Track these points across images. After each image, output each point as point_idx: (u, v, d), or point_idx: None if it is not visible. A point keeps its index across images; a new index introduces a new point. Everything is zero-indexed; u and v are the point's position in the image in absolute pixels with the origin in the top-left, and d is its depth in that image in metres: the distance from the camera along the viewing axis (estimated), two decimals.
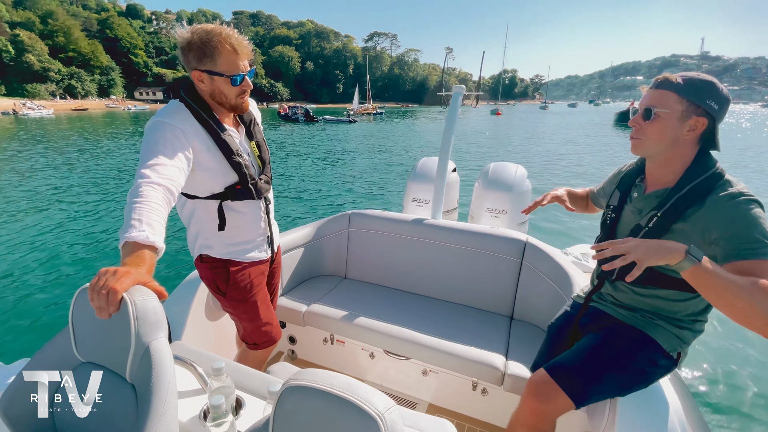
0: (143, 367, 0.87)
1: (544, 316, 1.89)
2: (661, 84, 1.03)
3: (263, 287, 1.54)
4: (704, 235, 0.98)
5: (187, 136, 1.18)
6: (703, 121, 1.01)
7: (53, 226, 6.26)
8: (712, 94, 1.00)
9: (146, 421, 0.82)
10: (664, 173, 1.10)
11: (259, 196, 1.39)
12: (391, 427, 0.63)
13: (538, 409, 1.16)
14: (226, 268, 1.42)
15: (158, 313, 0.91)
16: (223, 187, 1.31)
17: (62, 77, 66.85)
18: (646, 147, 1.08)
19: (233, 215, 1.37)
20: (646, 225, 1.09)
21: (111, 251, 5.34)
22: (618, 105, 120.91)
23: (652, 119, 1.04)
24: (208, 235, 1.39)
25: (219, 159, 1.27)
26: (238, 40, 1.20)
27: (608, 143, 20.97)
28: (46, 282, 4.39)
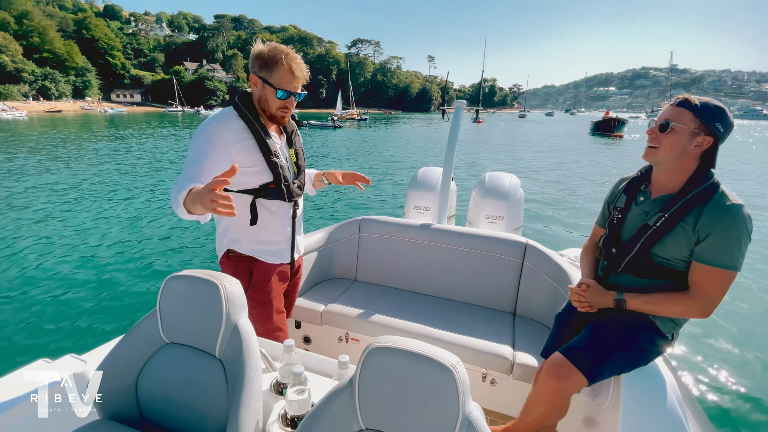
0: (232, 343, 1.00)
1: (544, 312, 2.08)
2: (682, 103, 1.20)
3: (280, 294, 1.64)
4: (698, 234, 1.18)
5: (229, 138, 1.36)
6: (709, 140, 1.19)
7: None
8: (722, 118, 1.18)
9: (242, 389, 0.94)
10: (669, 180, 1.28)
11: (290, 198, 1.53)
12: (462, 376, 0.74)
13: (557, 387, 1.30)
14: (250, 266, 1.54)
15: (242, 296, 1.06)
16: (259, 185, 1.45)
17: (36, 78, 64.51)
18: (658, 156, 1.25)
19: (264, 213, 1.51)
20: (654, 225, 1.25)
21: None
22: (592, 114, 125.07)
23: (668, 132, 1.21)
24: (237, 230, 1.52)
25: (258, 158, 1.43)
26: (299, 65, 1.39)
27: (589, 154, 21.65)
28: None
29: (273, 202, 1.50)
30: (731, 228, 1.14)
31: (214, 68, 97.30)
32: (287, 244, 1.62)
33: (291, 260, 1.66)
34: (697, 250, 1.19)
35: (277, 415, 1.08)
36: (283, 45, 1.40)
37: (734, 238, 1.14)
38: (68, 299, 4.20)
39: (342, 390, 0.84)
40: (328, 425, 0.83)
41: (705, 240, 1.17)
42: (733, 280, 1.18)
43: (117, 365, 1.07)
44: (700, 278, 1.20)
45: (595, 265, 1.55)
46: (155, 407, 1.07)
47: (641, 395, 1.21)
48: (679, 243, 1.22)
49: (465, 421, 0.74)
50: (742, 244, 1.14)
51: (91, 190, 9.29)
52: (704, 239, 1.17)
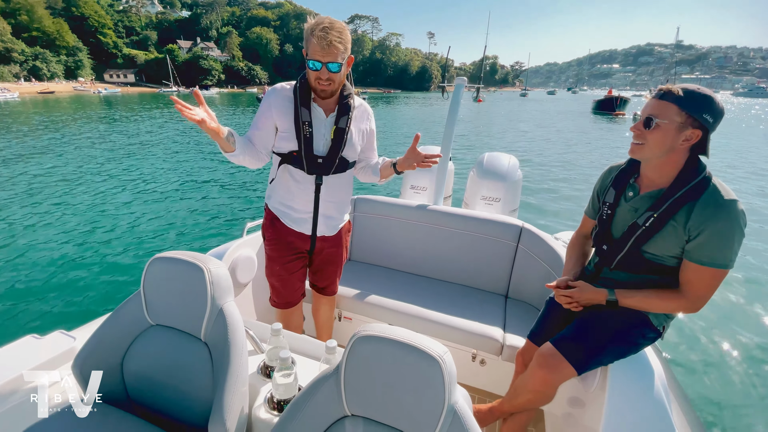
0: (218, 327, 1.01)
1: (536, 295, 2.08)
2: (664, 96, 1.12)
3: (290, 259, 1.71)
4: (690, 232, 1.13)
5: (273, 102, 1.52)
6: (698, 133, 1.11)
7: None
8: (709, 108, 1.09)
9: (226, 374, 0.94)
10: (658, 175, 1.22)
11: (310, 171, 1.55)
12: (449, 367, 0.75)
13: (546, 377, 1.31)
14: (273, 222, 1.68)
15: (228, 280, 1.06)
16: (288, 150, 1.54)
17: (26, 58, 62.90)
18: (644, 152, 1.19)
19: (289, 179, 1.60)
20: (643, 224, 1.21)
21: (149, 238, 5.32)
22: (595, 93, 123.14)
23: (652, 128, 1.14)
24: (272, 187, 1.67)
25: (290, 125, 1.52)
26: (327, 34, 1.35)
27: (590, 133, 21.44)
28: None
29: (297, 170, 1.57)
30: (724, 227, 1.08)
31: (209, 47, 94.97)
32: (309, 216, 1.65)
33: (312, 234, 1.69)
34: (689, 248, 1.15)
35: (264, 398, 1.08)
36: (330, 17, 1.40)
37: (727, 237, 1.09)
38: (58, 276, 4.23)
39: (328, 376, 0.84)
40: (313, 410, 0.84)
41: (696, 239, 1.12)
42: (724, 277, 1.15)
43: (102, 345, 1.07)
44: (691, 276, 1.17)
45: (581, 259, 1.52)
46: (141, 388, 1.07)
47: (628, 381, 1.22)
48: (669, 241, 1.18)
49: (450, 410, 0.75)
50: (735, 242, 1.09)
51: (86, 172, 9.22)
52: (696, 238, 1.12)
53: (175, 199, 7.22)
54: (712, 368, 3.12)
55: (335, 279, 1.92)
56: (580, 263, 1.51)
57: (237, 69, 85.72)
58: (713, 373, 3.06)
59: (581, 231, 1.58)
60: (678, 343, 3.41)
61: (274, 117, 1.52)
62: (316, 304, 2.02)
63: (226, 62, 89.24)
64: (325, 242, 1.74)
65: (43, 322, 3.43)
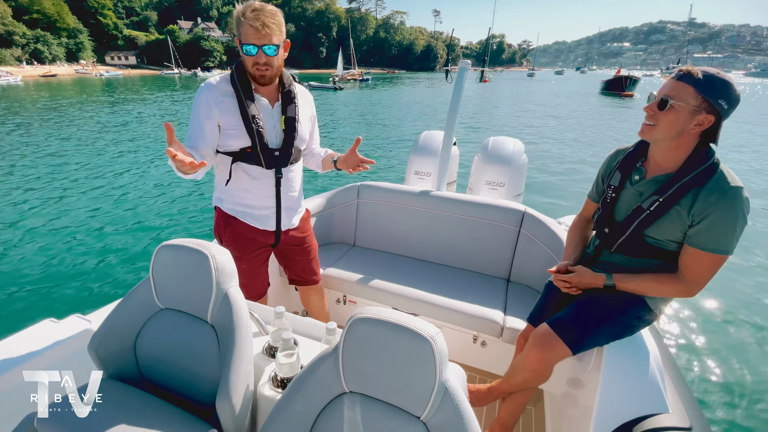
0: (223, 310, 1.06)
1: (538, 278, 2.12)
2: (683, 77, 1.10)
3: (255, 256, 1.68)
4: (693, 218, 1.13)
5: (211, 100, 1.43)
6: (711, 119, 1.09)
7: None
8: (726, 94, 1.07)
9: (232, 354, 1.00)
10: (667, 159, 1.21)
11: (268, 165, 1.52)
12: (440, 347, 0.79)
13: (541, 357, 1.35)
14: (228, 221, 1.61)
15: (232, 265, 1.11)
16: (239, 148, 1.48)
17: (27, 41, 62.14)
18: (655, 134, 1.17)
19: (243, 176, 1.54)
20: (648, 208, 1.21)
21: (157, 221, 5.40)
22: (604, 72, 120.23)
23: (666, 109, 1.12)
24: (221, 188, 1.58)
25: (237, 121, 1.45)
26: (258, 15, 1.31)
27: (597, 115, 21.08)
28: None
29: (252, 167, 1.52)
30: (727, 213, 1.09)
31: (210, 27, 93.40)
32: (271, 212, 1.63)
33: (277, 229, 1.67)
34: (690, 233, 1.16)
35: (268, 376, 1.14)
36: (258, 1, 1.35)
37: (729, 224, 1.09)
38: (73, 262, 4.34)
39: (328, 356, 0.90)
40: (314, 387, 0.90)
41: (699, 224, 1.13)
42: (723, 263, 1.16)
43: (115, 328, 1.12)
44: (691, 261, 1.18)
45: (582, 243, 1.53)
46: (153, 368, 1.13)
47: (622, 361, 1.25)
48: (672, 226, 1.19)
49: (441, 387, 0.80)
50: (737, 229, 1.10)
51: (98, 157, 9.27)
52: (698, 223, 1.13)
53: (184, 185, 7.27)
54: (712, 348, 3.18)
55: (315, 268, 1.92)
56: (580, 247, 1.53)
57: (238, 50, 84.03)
58: (712, 354, 3.12)
59: (583, 214, 1.59)
60: (681, 328, 3.45)
61: (215, 116, 1.43)
62: (305, 296, 2.01)
63: (227, 43, 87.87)
64: (290, 233, 1.74)
65: (61, 306, 3.55)
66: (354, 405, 0.87)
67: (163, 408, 1.03)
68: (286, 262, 1.88)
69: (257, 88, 1.48)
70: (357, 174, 1.79)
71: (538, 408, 1.88)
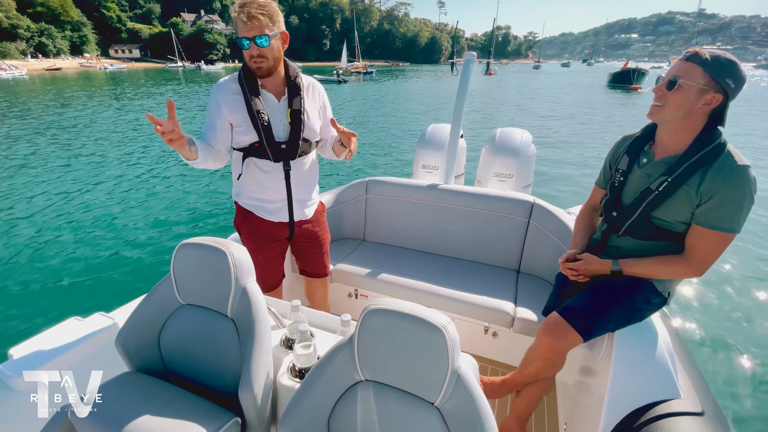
0: (242, 304, 1.10)
1: (548, 269, 2.12)
2: (691, 57, 1.13)
3: (269, 249, 1.72)
4: (701, 196, 1.15)
5: (220, 98, 1.48)
6: (719, 98, 1.12)
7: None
8: (733, 73, 1.10)
9: (252, 346, 1.04)
10: (674, 141, 1.23)
11: (276, 159, 1.54)
12: (452, 335, 0.82)
13: (553, 344, 1.36)
14: (246, 216, 1.67)
15: (249, 262, 1.15)
16: (248, 143, 1.52)
17: (32, 34, 62.29)
18: (664, 114, 1.19)
19: (255, 171, 1.57)
20: (656, 189, 1.23)
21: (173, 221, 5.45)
22: (611, 65, 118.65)
23: (675, 89, 1.15)
24: (238, 184, 1.64)
25: (244, 117, 1.48)
26: (248, 8, 1.32)
27: (604, 109, 20.86)
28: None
29: (263, 161, 1.55)
30: (735, 191, 1.11)
31: (213, 19, 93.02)
32: (283, 205, 1.65)
33: (290, 221, 1.69)
34: (698, 212, 1.17)
35: (287, 367, 1.18)
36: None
37: (737, 202, 1.11)
38: (95, 261, 4.40)
39: (344, 346, 0.94)
40: (331, 376, 0.93)
41: (707, 203, 1.15)
42: (730, 242, 1.17)
43: (139, 324, 1.17)
44: (698, 240, 1.19)
45: (589, 231, 1.55)
46: (177, 360, 1.18)
47: (633, 347, 1.25)
48: (680, 205, 1.20)
49: (454, 374, 0.83)
50: (744, 208, 1.12)
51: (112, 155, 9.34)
52: (706, 202, 1.15)
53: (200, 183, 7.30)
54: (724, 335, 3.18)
55: (325, 261, 1.94)
56: (588, 235, 1.55)
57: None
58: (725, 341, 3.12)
59: (590, 202, 1.60)
60: (692, 314, 3.45)
61: (225, 115, 1.48)
62: (310, 288, 2.03)
63: (231, 36, 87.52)
64: (303, 226, 1.76)
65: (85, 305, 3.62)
66: (370, 393, 0.91)
67: (189, 398, 1.06)
68: (298, 254, 1.90)
69: (263, 83, 1.50)
70: (365, 169, 1.79)
71: (550, 397, 1.90)
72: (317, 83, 1.67)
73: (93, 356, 1.27)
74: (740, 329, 3.28)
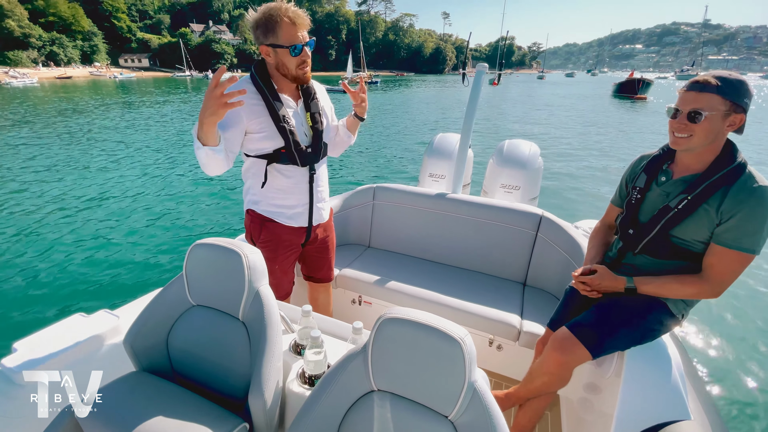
0: (255, 307, 1.09)
1: (555, 283, 2.10)
2: (704, 88, 1.14)
3: (287, 256, 1.71)
4: (722, 216, 1.15)
5: (240, 108, 1.39)
6: (742, 117, 1.15)
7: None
8: (746, 91, 1.13)
9: (263, 351, 1.03)
10: (696, 161, 1.24)
11: (304, 163, 1.54)
12: (470, 348, 0.80)
13: (561, 360, 1.34)
14: (263, 224, 1.63)
15: (263, 264, 1.15)
16: (272, 149, 1.49)
17: (44, 43, 63.51)
18: (693, 143, 1.19)
19: (279, 177, 1.56)
20: (676, 207, 1.23)
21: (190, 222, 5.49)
22: (616, 75, 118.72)
23: (701, 122, 1.15)
24: (256, 191, 1.59)
25: (268, 123, 1.46)
26: (295, 12, 1.35)
27: (609, 119, 20.84)
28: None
29: (287, 166, 1.54)
30: (756, 211, 1.11)
31: (221, 30, 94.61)
32: (304, 209, 1.66)
33: (309, 224, 1.70)
34: (718, 231, 1.17)
35: (296, 373, 1.16)
36: (270, 2, 1.36)
37: (758, 222, 1.11)
38: (100, 259, 4.46)
39: (356, 354, 0.92)
40: (343, 385, 0.92)
41: (727, 222, 1.15)
42: (749, 263, 1.16)
43: (149, 323, 1.16)
44: (716, 260, 1.19)
45: (603, 249, 1.53)
46: (184, 362, 1.16)
47: (643, 368, 1.23)
48: (700, 225, 1.20)
49: (470, 387, 0.81)
50: (765, 228, 1.12)
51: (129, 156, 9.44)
52: (726, 221, 1.15)
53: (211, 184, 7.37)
54: (737, 359, 3.11)
55: (331, 266, 1.95)
56: (601, 252, 1.53)
57: (249, 52, 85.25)
58: (737, 364, 3.05)
59: (605, 220, 1.59)
60: (703, 336, 3.39)
61: (244, 120, 1.43)
62: (313, 294, 2.03)
63: (238, 45, 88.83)
64: (318, 229, 1.77)
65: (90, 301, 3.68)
66: (383, 403, 0.89)
67: (196, 401, 1.05)
68: (304, 259, 1.90)
69: (280, 87, 1.50)
70: (372, 176, 1.81)
71: (554, 413, 1.86)
72: (320, 84, 1.70)
73: (97, 354, 1.26)
74: (753, 352, 3.21)
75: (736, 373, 2.96)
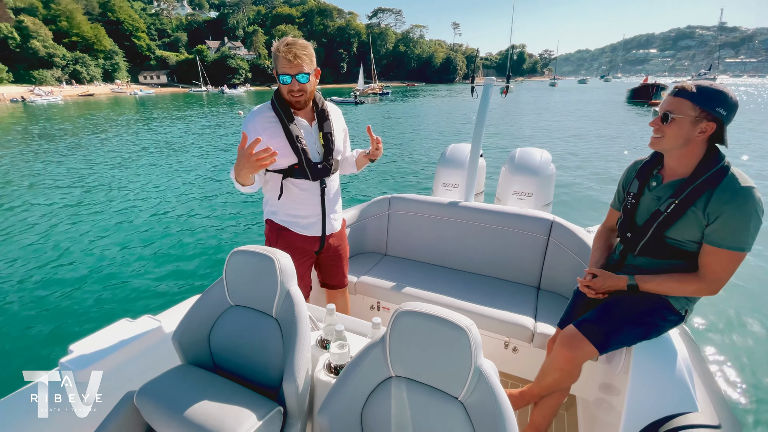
0: (286, 305, 1.22)
1: (568, 286, 2.14)
2: (679, 93, 1.24)
3: (303, 263, 1.85)
4: (708, 217, 1.22)
5: (258, 126, 1.62)
6: (712, 126, 1.21)
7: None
8: (722, 102, 1.19)
9: (295, 343, 1.14)
10: (680, 165, 1.32)
11: (315, 178, 1.71)
12: (475, 336, 0.92)
13: (569, 356, 1.41)
14: (279, 233, 1.80)
15: (293, 268, 1.28)
16: (287, 165, 1.67)
17: (67, 62, 66.35)
18: (663, 144, 1.30)
19: (294, 190, 1.72)
20: (665, 210, 1.30)
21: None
22: (630, 81, 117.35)
23: (669, 122, 1.26)
24: (273, 203, 1.78)
25: (283, 142, 1.63)
26: (290, 48, 1.51)
27: (621, 127, 20.61)
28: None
29: (300, 180, 1.70)
30: (740, 211, 1.17)
31: (236, 46, 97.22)
32: (317, 219, 1.80)
33: (322, 234, 1.83)
34: (707, 232, 1.23)
35: (323, 364, 1.29)
36: (290, 37, 1.57)
37: (743, 221, 1.17)
38: (143, 267, 4.76)
39: (375, 345, 1.04)
40: (364, 372, 1.04)
41: (714, 223, 1.21)
42: (741, 260, 1.22)
43: (193, 322, 1.29)
44: (710, 259, 1.25)
45: (606, 251, 1.61)
46: (224, 356, 1.29)
47: (650, 362, 1.27)
48: (690, 226, 1.26)
49: (477, 371, 0.92)
50: (751, 226, 1.17)
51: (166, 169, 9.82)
52: (713, 222, 1.21)
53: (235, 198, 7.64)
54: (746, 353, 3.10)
55: (345, 272, 2.08)
56: (605, 255, 1.61)
57: (263, 67, 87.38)
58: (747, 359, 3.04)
59: (606, 224, 1.67)
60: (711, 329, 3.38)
61: (265, 140, 1.57)
62: (331, 299, 2.15)
63: (252, 61, 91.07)
64: (331, 239, 1.91)
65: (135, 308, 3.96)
66: (400, 387, 1.00)
67: (236, 389, 1.16)
68: (320, 267, 2.04)
69: (295, 111, 1.68)
70: (386, 186, 1.94)
71: (571, 413, 1.90)
72: (337, 108, 1.86)
73: (140, 355, 1.39)
74: (760, 344, 3.19)
75: (748, 364, 2.94)
